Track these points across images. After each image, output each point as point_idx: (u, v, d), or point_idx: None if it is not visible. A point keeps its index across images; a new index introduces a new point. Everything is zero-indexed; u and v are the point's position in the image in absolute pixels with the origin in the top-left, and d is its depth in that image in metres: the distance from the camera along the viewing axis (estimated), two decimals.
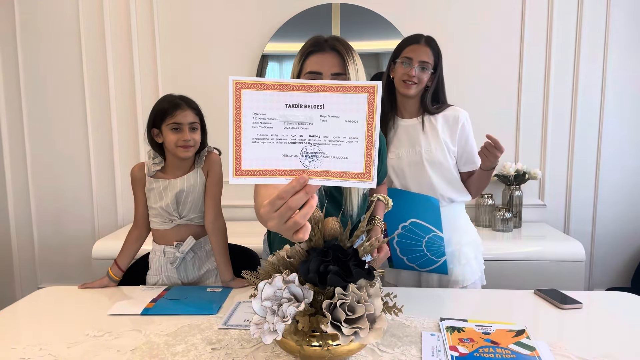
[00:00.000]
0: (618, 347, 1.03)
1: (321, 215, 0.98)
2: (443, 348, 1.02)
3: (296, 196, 0.69)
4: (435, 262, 1.60)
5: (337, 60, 1.15)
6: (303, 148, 0.70)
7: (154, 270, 1.56)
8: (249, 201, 2.71)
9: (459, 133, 1.59)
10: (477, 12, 2.57)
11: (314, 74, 1.15)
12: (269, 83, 0.69)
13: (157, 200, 1.50)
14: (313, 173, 0.71)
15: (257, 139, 0.70)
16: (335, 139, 0.70)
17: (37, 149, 2.74)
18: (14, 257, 2.81)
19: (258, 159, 0.70)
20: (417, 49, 1.54)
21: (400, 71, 1.55)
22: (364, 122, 0.69)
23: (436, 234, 1.57)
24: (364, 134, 0.70)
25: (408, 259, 1.63)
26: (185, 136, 1.44)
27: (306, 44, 1.19)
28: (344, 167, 0.70)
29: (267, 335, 0.86)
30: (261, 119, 0.70)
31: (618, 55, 2.56)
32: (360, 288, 0.89)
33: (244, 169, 0.71)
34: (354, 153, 0.70)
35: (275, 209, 0.70)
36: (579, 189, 2.65)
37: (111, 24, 2.64)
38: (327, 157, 0.70)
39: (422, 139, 1.59)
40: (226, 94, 2.59)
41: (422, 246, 1.59)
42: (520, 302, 1.32)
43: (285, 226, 0.71)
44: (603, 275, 2.71)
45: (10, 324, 1.23)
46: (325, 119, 0.70)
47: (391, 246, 1.60)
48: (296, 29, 2.59)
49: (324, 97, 0.69)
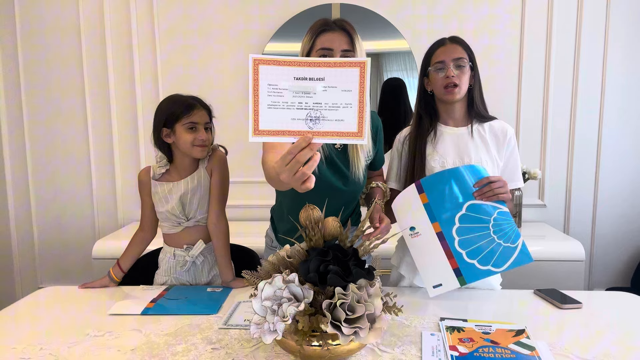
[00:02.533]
0: (618, 347, 1.03)
1: (321, 215, 0.99)
2: (443, 348, 1.02)
3: (303, 152, 0.83)
4: (514, 250, 1.25)
5: (346, 38, 1.30)
6: (308, 113, 0.84)
7: (164, 271, 1.55)
8: (249, 201, 2.73)
9: (506, 147, 1.48)
10: (477, 11, 2.57)
11: (325, 50, 1.29)
12: (281, 60, 0.84)
13: (163, 204, 1.50)
14: (316, 133, 0.85)
15: (271, 105, 0.84)
16: (334, 105, 0.85)
17: (37, 149, 2.74)
18: (14, 257, 2.81)
19: (272, 121, 0.84)
20: (445, 50, 1.43)
21: (438, 78, 1.43)
22: (356, 91, 0.85)
23: (500, 209, 1.27)
24: (356, 101, 0.85)
25: (480, 261, 1.26)
26: (202, 135, 1.44)
27: (316, 24, 1.33)
28: (341, 128, 0.85)
29: (267, 335, 0.86)
30: (274, 89, 0.84)
31: (618, 56, 2.56)
32: (360, 288, 0.90)
33: (260, 129, 0.84)
34: (348, 116, 0.85)
35: (286, 163, 0.84)
36: (579, 189, 2.66)
37: (111, 24, 2.64)
38: (328, 120, 0.85)
39: (471, 150, 1.45)
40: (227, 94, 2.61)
41: (491, 233, 1.26)
42: (520, 302, 1.32)
43: (294, 177, 0.84)
44: (603, 275, 2.71)
45: (10, 323, 1.23)
46: (326, 89, 0.84)
47: (453, 251, 1.27)
48: (296, 29, 2.59)
49: (325, 71, 0.84)
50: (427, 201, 1.28)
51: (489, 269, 1.26)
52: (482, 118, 1.50)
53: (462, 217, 1.26)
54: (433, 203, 1.28)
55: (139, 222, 1.57)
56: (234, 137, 2.47)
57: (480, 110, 1.49)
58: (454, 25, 2.56)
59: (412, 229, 1.29)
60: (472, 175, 1.29)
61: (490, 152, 1.47)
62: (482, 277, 1.27)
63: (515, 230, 1.26)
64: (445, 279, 1.28)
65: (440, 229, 1.27)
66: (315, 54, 1.30)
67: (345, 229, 1.01)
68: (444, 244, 1.27)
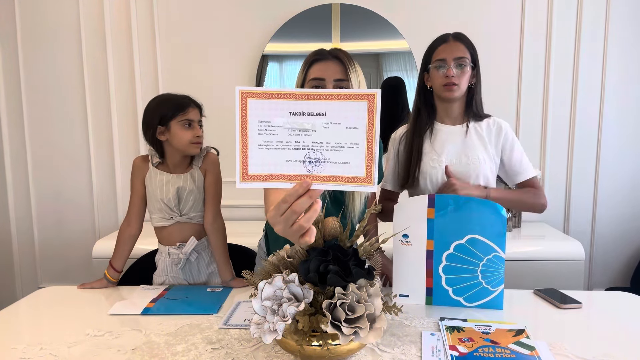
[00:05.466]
0: (617, 347, 1.03)
1: (321, 215, 0.99)
2: (443, 348, 1.02)
3: (300, 200, 0.73)
4: (490, 294, 1.25)
5: (339, 67, 1.21)
6: (306, 154, 0.74)
7: (160, 270, 1.56)
8: (249, 201, 2.73)
9: (504, 142, 1.48)
10: (476, 11, 2.57)
11: (317, 80, 1.21)
12: (274, 92, 0.73)
13: (158, 192, 1.50)
14: (316, 178, 0.74)
15: (263, 145, 0.74)
16: (337, 144, 0.73)
17: (37, 149, 2.74)
18: (14, 257, 2.81)
19: (264, 164, 0.74)
20: (447, 48, 1.41)
21: (437, 76, 1.41)
22: (364, 129, 0.73)
23: (498, 254, 1.23)
24: (364, 140, 0.73)
25: (454, 291, 1.27)
26: (198, 132, 1.48)
27: (309, 55, 1.26)
28: (345, 172, 0.74)
29: (267, 335, 0.86)
30: (266, 126, 0.74)
31: (618, 56, 2.56)
32: (360, 288, 0.90)
33: (250, 173, 0.74)
34: (355, 158, 0.73)
35: (281, 213, 0.74)
36: (579, 189, 2.66)
37: (111, 24, 2.64)
38: (330, 162, 0.74)
39: (467, 149, 1.45)
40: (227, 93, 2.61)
41: (478, 271, 1.24)
42: (520, 302, 1.32)
43: (291, 230, 0.74)
44: (602, 275, 2.71)
45: (10, 323, 1.24)
46: (327, 126, 0.73)
47: (435, 273, 1.27)
48: (296, 29, 2.59)
49: (326, 105, 0.73)
50: (432, 217, 1.26)
51: (459, 301, 1.27)
52: (479, 117, 1.49)
53: (458, 246, 1.25)
54: (437, 221, 1.26)
55: (125, 215, 1.56)
56: (234, 136, 2.47)
57: (478, 110, 1.49)
58: (454, 25, 2.54)
59: (405, 236, 1.28)
60: (487, 210, 1.23)
61: (488, 150, 1.47)
62: (449, 305, 1.27)
63: (501, 277, 1.25)
64: (414, 293, 1.29)
65: (433, 248, 1.26)
66: (308, 85, 1.23)
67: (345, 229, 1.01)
68: (430, 262, 1.27)
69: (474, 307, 1.27)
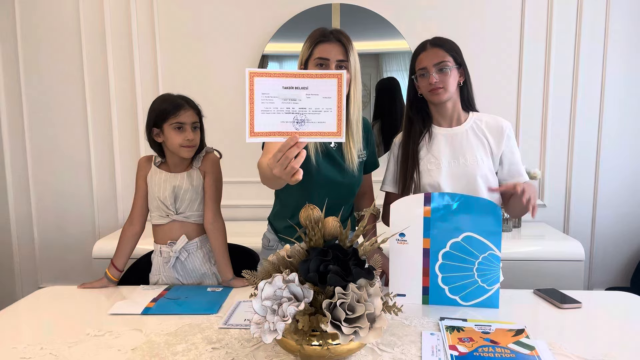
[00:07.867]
0: (617, 347, 1.03)
1: (321, 215, 0.99)
2: (443, 347, 1.02)
3: (291, 149, 0.97)
4: (486, 292, 1.26)
5: (341, 49, 1.39)
6: (295, 116, 0.99)
7: (154, 269, 1.57)
8: (249, 201, 2.74)
9: (505, 143, 1.47)
10: (476, 11, 2.57)
11: (322, 59, 1.38)
12: (272, 72, 1.00)
13: (156, 190, 1.51)
14: (302, 133, 0.99)
15: (264, 111, 0.99)
16: (317, 109, 1.00)
17: (37, 149, 2.74)
18: (14, 257, 2.81)
19: (265, 124, 0.99)
20: (426, 56, 1.45)
21: (423, 84, 1.46)
22: (335, 98, 1.00)
23: (493, 252, 1.24)
24: (335, 106, 1.00)
25: (450, 290, 1.28)
26: (189, 136, 1.46)
27: (314, 33, 1.42)
28: (322, 129, 1.00)
29: (268, 335, 0.86)
30: (267, 97, 0.98)
31: (618, 56, 2.56)
32: (360, 287, 0.90)
33: (255, 131, 0.99)
34: (329, 119, 1.00)
35: (277, 159, 0.98)
36: (579, 189, 2.66)
37: (111, 24, 2.64)
38: (311, 122, 1.00)
39: (467, 150, 1.46)
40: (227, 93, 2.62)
41: (474, 269, 1.26)
42: (520, 302, 1.32)
43: (285, 171, 0.98)
44: (602, 274, 2.71)
45: (11, 323, 1.24)
46: (309, 96, 0.99)
47: (431, 272, 1.28)
48: (296, 29, 2.59)
49: (308, 82, 0.99)
50: (428, 215, 1.27)
51: (455, 300, 1.28)
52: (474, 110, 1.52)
53: (454, 245, 1.26)
54: (433, 220, 1.27)
55: (129, 214, 1.57)
56: (234, 136, 2.47)
57: (472, 106, 1.51)
58: (454, 25, 2.56)
59: (402, 235, 1.29)
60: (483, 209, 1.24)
61: (487, 149, 1.47)
62: (445, 304, 1.28)
63: (497, 275, 1.26)
64: (411, 292, 1.29)
65: (429, 247, 1.27)
66: (313, 61, 1.40)
67: (345, 228, 1.01)
68: (426, 261, 1.28)
69: (470, 305, 1.27)
